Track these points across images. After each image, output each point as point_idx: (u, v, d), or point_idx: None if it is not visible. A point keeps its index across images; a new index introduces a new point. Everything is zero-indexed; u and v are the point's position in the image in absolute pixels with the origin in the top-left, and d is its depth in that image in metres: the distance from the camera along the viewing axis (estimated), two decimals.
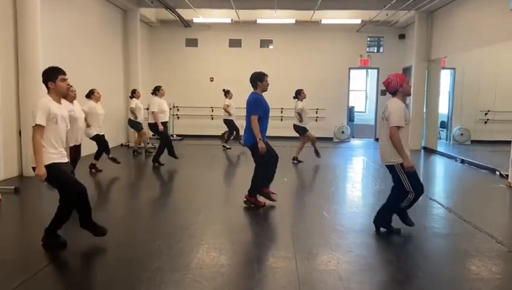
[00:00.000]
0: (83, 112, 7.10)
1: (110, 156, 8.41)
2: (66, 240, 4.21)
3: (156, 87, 9.40)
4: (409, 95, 4.88)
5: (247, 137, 5.83)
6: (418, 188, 4.61)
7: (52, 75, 4.05)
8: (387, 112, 4.60)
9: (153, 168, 9.03)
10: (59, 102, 4.14)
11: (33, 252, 4.13)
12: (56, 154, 4.06)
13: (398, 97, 4.66)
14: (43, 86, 4.16)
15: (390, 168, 4.65)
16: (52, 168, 3.98)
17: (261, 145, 5.61)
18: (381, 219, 4.80)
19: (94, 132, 8.00)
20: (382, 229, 4.82)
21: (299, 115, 9.57)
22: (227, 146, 12.31)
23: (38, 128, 3.93)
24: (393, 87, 4.65)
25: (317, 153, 9.91)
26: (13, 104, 7.65)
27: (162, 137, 9.25)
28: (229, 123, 12.37)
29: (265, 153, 5.71)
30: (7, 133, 7.53)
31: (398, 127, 4.48)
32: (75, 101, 6.69)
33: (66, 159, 4.20)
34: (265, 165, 5.88)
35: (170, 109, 14.26)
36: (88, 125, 7.80)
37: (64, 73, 4.11)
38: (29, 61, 7.52)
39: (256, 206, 5.87)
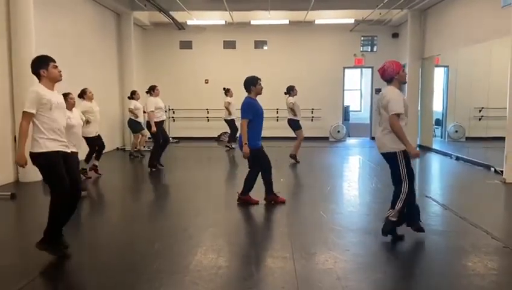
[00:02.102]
0: (80, 119, 6.96)
1: (96, 163, 8.27)
2: (67, 252, 4.09)
3: (151, 87, 9.18)
4: (405, 82, 4.77)
5: (241, 140, 5.90)
6: (411, 180, 4.46)
7: (43, 62, 3.99)
8: (385, 100, 4.43)
9: (149, 172, 8.97)
10: (51, 89, 4.03)
11: (31, 257, 4.11)
12: (54, 141, 3.94)
13: (394, 85, 4.51)
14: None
15: (391, 155, 4.46)
16: (44, 156, 3.88)
17: (244, 149, 5.69)
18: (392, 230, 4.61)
19: (93, 132, 7.97)
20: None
21: (292, 109, 9.64)
22: (231, 146, 12.35)
23: (26, 115, 3.86)
24: (389, 75, 4.50)
25: (294, 158, 9.80)
26: (8, 110, 7.64)
27: (154, 140, 9.07)
28: (229, 123, 12.41)
29: (257, 160, 5.83)
30: (2, 139, 7.51)
31: (398, 115, 4.34)
32: (74, 109, 6.69)
33: (66, 149, 4.06)
34: (261, 171, 5.96)
35: (166, 111, 14.30)
36: (87, 122, 7.76)
37: (54, 60, 4.06)
38: (23, 66, 7.43)
39: (248, 204, 5.96)
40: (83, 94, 8.06)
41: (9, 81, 7.62)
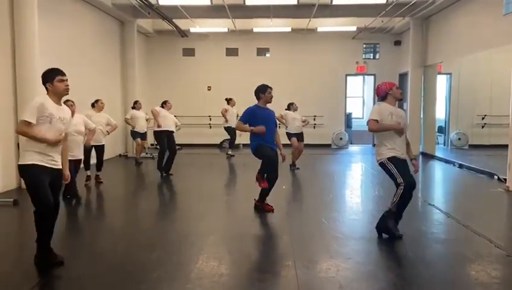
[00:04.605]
0: (82, 126, 6.99)
1: (87, 173, 8.09)
2: (62, 259, 4.05)
3: (163, 102, 9.49)
4: (400, 99, 4.95)
5: (250, 144, 5.96)
6: (409, 180, 4.60)
7: (49, 76, 3.98)
8: None
9: (161, 177, 8.99)
10: (58, 103, 4.00)
11: (32, 265, 4.07)
12: (43, 155, 3.85)
13: (388, 101, 4.80)
14: (43, 90, 4.09)
15: (381, 166, 4.76)
16: (28, 168, 3.82)
17: (255, 130, 5.74)
18: (384, 224, 4.80)
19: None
20: (384, 235, 4.82)
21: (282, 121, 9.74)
22: (231, 153, 12.44)
23: (23, 123, 3.80)
24: (383, 91, 4.83)
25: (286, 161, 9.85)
26: (11, 115, 7.66)
27: (159, 146, 9.25)
28: (228, 130, 12.52)
29: (266, 161, 5.80)
30: (5, 145, 7.52)
31: (376, 121, 4.64)
32: (76, 115, 6.67)
33: (53, 165, 3.93)
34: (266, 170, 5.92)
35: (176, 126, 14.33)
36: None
37: (62, 74, 4.01)
38: (27, 72, 7.53)
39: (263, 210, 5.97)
40: (94, 103, 8.29)
41: (13, 89, 7.64)
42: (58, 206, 4.10)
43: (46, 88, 4.01)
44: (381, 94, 4.85)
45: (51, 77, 3.98)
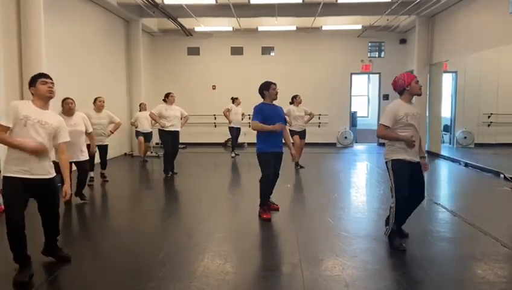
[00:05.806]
0: (82, 126, 6.65)
1: (91, 175, 7.92)
2: (69, 257, 4.14)
3: (165, 94, 9.08)
4: (418, 94, 4.48)
5: (256, 146, 5.90)
6: (402, 192, 4.36)
7: (32, 81, 3.87)
8: None
9: (164, 177, 9.02)
10: (42, 108, 3.79)
11: (36, 263, 4.09)
12: (19, 165, 3.63)
13: (404, 97, 4.44)
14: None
15: (387, 166, 4.59)
16: (4, 181, 3.63)
17: (273, 127, 5.62)
18: (390, 242, 4.72)
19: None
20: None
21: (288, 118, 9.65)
22: (233, 154, 12.43)
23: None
24: (400, 86, 4.43)
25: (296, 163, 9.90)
26: None
27: (163, 146, 9.19)
28: (230, 130, 12.49)
29: (262, 177, 5.77)
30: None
31: (385, 126, 4.35)
32: (76, 114, 6.55)
33: (37, 176, 3.69)
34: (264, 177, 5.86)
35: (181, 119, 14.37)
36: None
37: (46, 76, 3.88)
38: (33, 71, 7.51)
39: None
40: (94, 102, 8.13)
41: (19, 86, 7.69)
42: (57, 216, 4.02)
43: (32, 93, 3.88)
44: (398, 89, 4.46)
45: (34, 80, 3.86)
